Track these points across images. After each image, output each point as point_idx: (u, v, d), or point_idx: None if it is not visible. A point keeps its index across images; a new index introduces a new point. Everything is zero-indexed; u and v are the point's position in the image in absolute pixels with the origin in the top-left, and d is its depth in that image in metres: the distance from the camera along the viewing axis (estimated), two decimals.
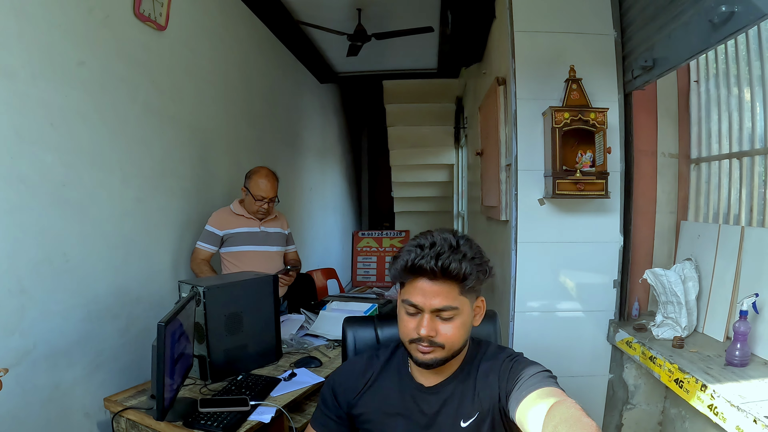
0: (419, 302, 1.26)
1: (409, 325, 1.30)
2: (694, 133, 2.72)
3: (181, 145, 2.99)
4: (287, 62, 5.19)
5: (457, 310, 1.27)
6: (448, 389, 1.38)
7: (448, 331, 1.27)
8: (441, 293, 1.25)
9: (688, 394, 1.93)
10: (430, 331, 1.26)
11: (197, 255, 2.96)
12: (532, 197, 2.69)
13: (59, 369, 2.11)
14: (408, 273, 1.27)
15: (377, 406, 1.42)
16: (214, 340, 2.21)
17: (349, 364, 1.55)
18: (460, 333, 1.30)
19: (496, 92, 3.07)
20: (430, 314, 1.26)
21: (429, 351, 1.29)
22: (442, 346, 1.28)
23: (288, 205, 4.68)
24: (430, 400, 1.38)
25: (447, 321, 1.27)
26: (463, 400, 1.36)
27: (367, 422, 1.43)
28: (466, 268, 1.24)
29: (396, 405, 1.40)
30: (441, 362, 1.31)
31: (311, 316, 3.13)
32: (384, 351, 1.52)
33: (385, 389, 1.43)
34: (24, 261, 1.94)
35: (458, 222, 7.06)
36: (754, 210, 2.26)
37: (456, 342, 1.30)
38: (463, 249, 1.26)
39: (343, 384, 1.48)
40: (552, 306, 2.74)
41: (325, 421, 1.49)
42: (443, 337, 1.27)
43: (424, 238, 1.29)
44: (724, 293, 2.27)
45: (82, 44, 2.21)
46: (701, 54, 2.09)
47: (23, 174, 1.93)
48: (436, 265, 1.22)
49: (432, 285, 1.25)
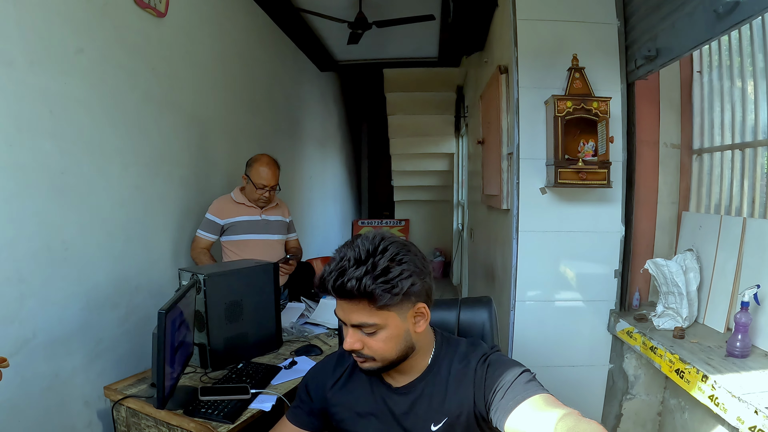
0: (342, 317, 1.25)
1: (344, 334, 1.28)
2: (696, 123, 2.70)
3: (181, 132, 2.97)
4: (287, 50, 5.16)
5: (376, 325, 1.22)
6: (417, 390, 1.35)
7: (375, 344, 1.25)
8: (355, 310, 1.21)
9: (689, 385, 1.93)
10: (353, 345, 1.25)
11: (197, 243, 2.95)
12: (534, 186, 2.68)
13: (59, 358, 2.10)
14: (320, 290, 1.24)
15: (350, 405, 1.41)
16: (215, 328, 2.20)
17: (321, 362, 1.55)
18: (389, 346, 1.25)
19: (497, 81, 3.05)
20: (352, 328, 1.24)
21: (362, 361, 1.28)
22: (373, 358, 1.26)
23: (288, 194, 4.67)
24: (399, 400, 1.36)
25: (371, 335, 1.24)
26: (432, 402, 1.33)
27: (341, 421, 1.42)
28: (365, 286, 1.16)
29: (367, 405, 1.39)
30: (382, 369, 1.30)
31: (311, 304, 3.13)
32: None
33: (356, 389, 1.42)
34: (23, 249, 1.93)
35: (458, 211, 7.06)
36: (755, 201, 2.25)
37: (387, 353, 1.26)
38: (374, 261, 1.18)
39: (315, 379, 1.49)
40: (553, 295, 2.74)
41: (299, 414, 1.49)
42: (371, 350, 1.25)
43: (342, 247, 1.24)
44: (725, 284, 2.27)
45: (81, 31, 2.19)
46: (705, 44, 2.07)
47: (22, 162, 1.91)
48: (334, 287, 1.18)
49: (345, 302, 1.21)
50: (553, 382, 2.65)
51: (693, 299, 2.38)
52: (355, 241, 1.23)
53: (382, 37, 4.93)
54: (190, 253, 2.99)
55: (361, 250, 1.20)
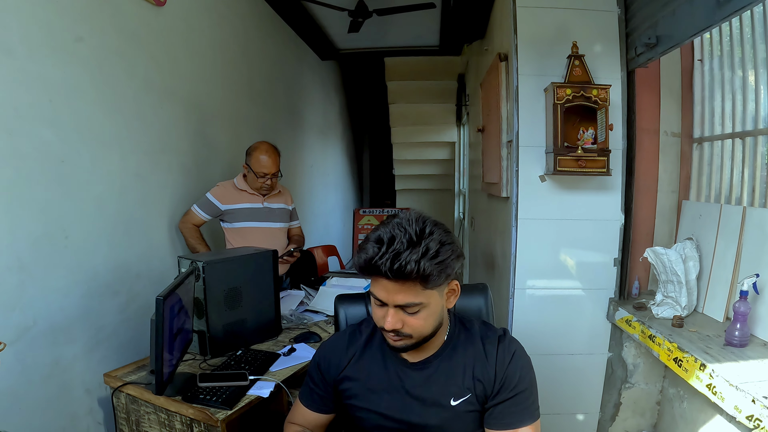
0: (383, 298, 1.24)
1: (377, 314, 1.30)
2: (697, 112, 2.69)
3: (180, 120, 2.96)
4: (288, 38, 5.14)
5: (421, 305, 1.24)
6: (434, 365, 1.39)
7: (415, 323, 1.27)
8: (402, 290, 1.21)
9: (687, 373, 1.94)
10: (395, 325, 1.25)
11: (189, 218, 2.92)
12: (533, 174, 2.67)
13: (59, 345, 2.11)
14: (365, 272, 1.23)
15: (362, 381, 1.42)
16: (214, 315, 2.21)
17: (332, 340, 1.54)
18: (428, 323, 1.29)
19: (497, 68, 3.04)
20: (394, 309, 1.25)
21: (398, 340, 1.30)
22: (411, 335, 1.28)
23: (289, 182, 4.67)
24: (414, 375, 1.39)
25: (413, 314, 1.26)
26: (450, 378, 1.37)
27: (353, 397, 1.43)
28: (425, 269, 1.18)
29: (380, 381, 1.41)
30: (413, 347, 1.32)
31: (311, 292, 3.14)
32: (366, 327, 1.52)
33: (369, 365, 1.44)
34: (23, 237, 1.93)
35: (459, 200, 7.06)
36: (756, 190, 2.25)
37: (425, 331, 1.30)
38: (426, 243, 1.19)
39: (328, 359, 1.49)
40: (552, 283, 2.74)
41: (312, 396, 1.51)
42: (410, 329, 1.27)
43: (385, 229, 1.23)
44: (725, 273, 2.27)
45: (80, 20, 2.18)
46: (706, 31, 2.06)
47: (21, 150, 1.91)
48: (391, 269, 1.17)
49: (393, 283, 1.21)
50: (552, 370, 2.68)
51: (692, 288, 2.38)
52: (398, 223, 1.23)
53: (383, 25, 4.91)
54: (179, 225, 2.94)
55: (411, 232, 1.20)
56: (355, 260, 1.26)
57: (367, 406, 1.41)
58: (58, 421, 2.12)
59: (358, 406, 1.42)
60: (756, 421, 1.54)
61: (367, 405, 1.41)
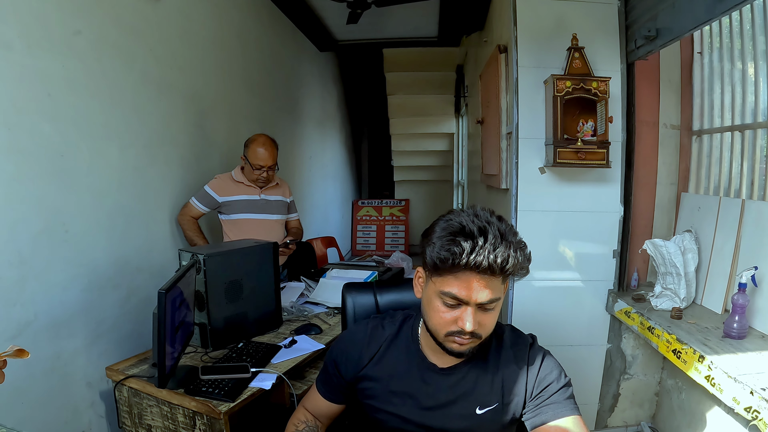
0: (465, 296, 1.16)
1: (446, 317, 1.20)
2: (696, 105, 2.70)
3: (179, 113, 2.96)
4: (286, 30, 5.12)
5: (499, 300, 1.20)
6: (462, 371, 1.33)
7: (489, 320, 1.21)
8: (488, 286, 1.15)
9: (686, 365, 1.95)
10: (475, 326, 1.18)
11: (188, 210, 2.93)
12: (533, 166, 2.68)
13: (60, 339, 2.12)
14: (456, 267, 1.14)
15: (383, 383, 1.37)
16: (215, 307, 2.22)
17: (350, 333, 1.49)
18: (495, 318, 1.25)
19: (497, 60, 3.03)
20: (474, 308, 1.17)
21: (467, 343, 1.22)
22: (480, 336, 1.22)
23: (288, 174, 4.67)
24: (440, 381, 1.33)
25: (488, 312, 1.20)
26: (478, 385, 1.32)
27: (372, 398, 1.38)
28: (520, 261, 1.15)
29: (404, 383, 1.35)
30: (474, 350, 1.26)
31: (311, 283, 3.15)
32: (390, 324, 1.45)
33: (393, 366, 1.38)
34: (23, 232, 1.93)
35: (458, 191, 7.06)
36: (755, 183, 2.26)
37: (492, 329, 1.25)
38: (510, 238, 1.16)
39: (346, 353, 1.43)
40: (551, 275, 2.75)
41: (327, 385, 1.48)
42: (483, 328, 1.21)
43: (465, 220, 1.17)
44: (724, 266, 2.28)
45: (78, 13, 2.17)
46: (705, 25, 2.06)
47: (21, 145, 1.91)
48: (495, 262, 1.11)
49: (481, 279, 1.14)
50: None
51: (691, 280, 2.39)
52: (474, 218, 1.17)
53: (382, 16, 4.88)
54: (177, 218, 2.94)
55: (496, 227, 1.15)
56: (433, 253, 1.17)
57: (387, 408, 1.36)
58: (60, 415, 2.13)
59: (378, 407, 1.37)
60: (754, 413, 1.55)
61: (387, 407, 1.36)
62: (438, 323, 1.23)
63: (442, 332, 1.23)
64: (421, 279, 1.30)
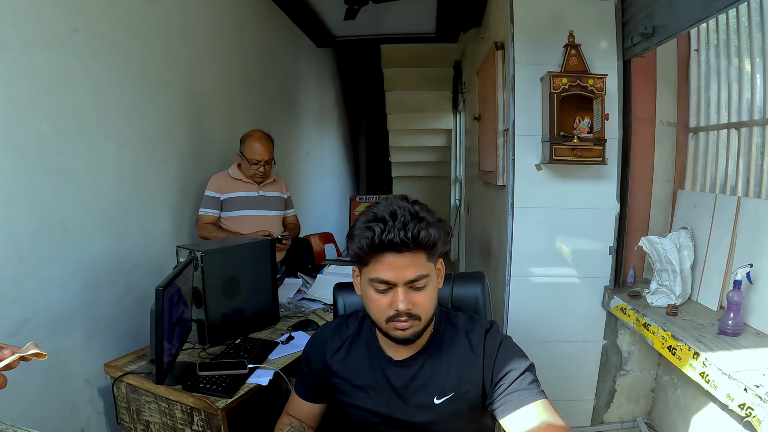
0: (391, 278, 1.21)
1: (381, 303, 1.26)
2: (693, 102, 2.70)
3: (177, 110, 2.96)
4: (284, 26, 5.11)
5: (428, 277, 1.25)
6: (418, 363, 1.37)
7: (423, 300, 1.25)
8: (411, 264, 1.21)
9: (681, 362, 1.96)
10: (408, 305, 1.23)
11: (201, 220, 2.97)
12: (529, 162, 2.69)
13: (59, 336, 2.12)
14: (374, 251, 1.21)
15: (349, 378, 1.42)
16: (212, 304, 2.23)
17: (318, 331, 1.55)
18: (433, 299, 1.29)
19: (494, 57, 3.04)
20: (404, 287, 1.22)
21: (408, 326, 1.26)
22: (419, 317, 1.26)
23: (286, 170, 4.66)
24: (398, 373, 1.37)
25: (420, 290, 1.24)
26: (434, 375, 1.35)
27: (341, 394, 1.43)
28: (433, 234, 1.21)
29: (366, 378, 1.40)
30: (419, 334, 1.29)
31: (308, 280, 3.16)
32: (353, 321, 1.50)
33: (355, 362, 1.43)
34: (21, 229, 1.93)
35: (455, 187, 7.07)
36: (750, 181, 2.26)
37: (430, 309, 1.29)
38: (423, 215, 1.22)
39: (314, 348, 1.50)
40: (548, 271, 2.76)
41: (303, 386, 1.52)
42: (419, 308, 1.25)
43: (379, 209, 1.23)
44: (719, 263, 2.29)
45: (75, 10, 2.17)
46: (702, 22, 2.07)
47: (19, 142, 1.91)
48: (407, 236, 1.18)
49: (401, 257, 1.20)
50: (548, 357, 2.70)
51: (687, 277, 2.40)
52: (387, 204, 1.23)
53: (379, 12, 4.87)
54: (197, 233, 3.00)
55: (407, 207, 1.22)
56: (353, 246, 1.24)
57: (355, 402, 1.41)
58: (59, 412, 2.13)
59: (347, 402, 1.42)
60: (748, 410, 1.57)
61: (354, 402, 1.41)
62: (376, 312, 1.28)
63: (383, 319, 1.27)
64: (357, 276, 1.34)
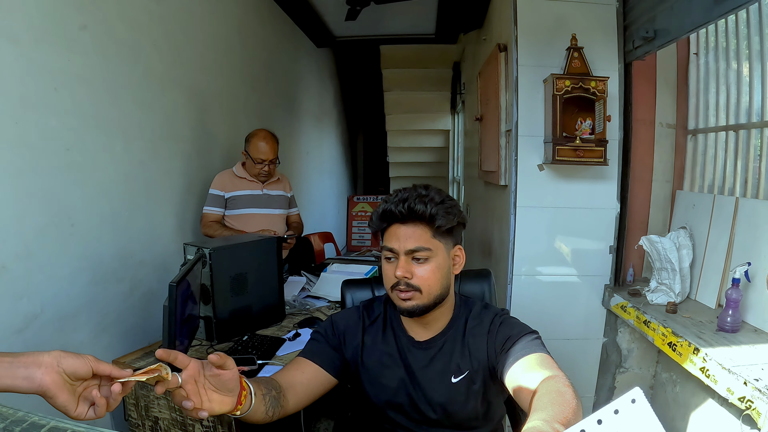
0: (394, 246, 1.35)
1: (388, 272, 1.38)
2: (692, 104, 2.74)
3: (182, 108, 2.98)
4: (285, 26, 5.13)
5: (430, 251, 1.34)
6: (438, 344, 1.45)
7: (423, 273, 1.34)
8: (413, 235, 1.34)
9: (681, 357, 2.00)
10: (405, 273, 1.33)
11: (206, 218, 2.99)
12: (532, 163, 2.72)
13: (66, 332, 2.13)
14: (381, 220, 1.38)
15: (372, 357, 1.47)
16: (220, 301, 2.25)
17: (347, 309, 1.63)
18: (436, 276, 1.36)
19: (497, 58, 3.06)
20: (404, 256, 1.34)
21: (408, 297, 1.34)
22: (419, 289, 1.34)
23: (286, 169, 4.66)
24: (418, 354, 1.45)
25: (421, 263, 1.34)
26: (452, 356, 1.42)
27: (362, 371, 1.47)
28: (431, 210, 1.32)
29: (389, 357, 1.46)
30: (423, 309, 1.36)
31: (312, 278, 3.18)
32: (378, 304, 1.57)
33: (379, 342, 1.49)
34: (30, 225, 1.94)
35: (453, 187, 7.09)
36: (748, 182, 2.30)
37: (433, 285, 1.35)
38: (431, 195, 1.35)
39: (344, 321, 1.53)
40: (549, 270, 2.80)
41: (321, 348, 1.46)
42: (419, 279, 1.34)
43: (398, 191, 1.39)
44: (717, 261, 2.33)
45: (84, 8, 2.18)
46: (702, 27, 2.10)
47: (28, 139, 1.92)
48: (403, 208, 1.32)
49: (404, 228, 1.34)
50: None
51: (686, 275, 2.44)
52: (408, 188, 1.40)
53: (380, 13, 4.89)
54: (201, 231, 3.01)
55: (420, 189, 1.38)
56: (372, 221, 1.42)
57: (378, 379, 1.45)
58: None
59: (367, 380, 1.47)
60: (748, 402, 1.60)
61: (376, 380, 1.46)
62: (385, 280, 1.40)
63: (389, 287, 1.39)
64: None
